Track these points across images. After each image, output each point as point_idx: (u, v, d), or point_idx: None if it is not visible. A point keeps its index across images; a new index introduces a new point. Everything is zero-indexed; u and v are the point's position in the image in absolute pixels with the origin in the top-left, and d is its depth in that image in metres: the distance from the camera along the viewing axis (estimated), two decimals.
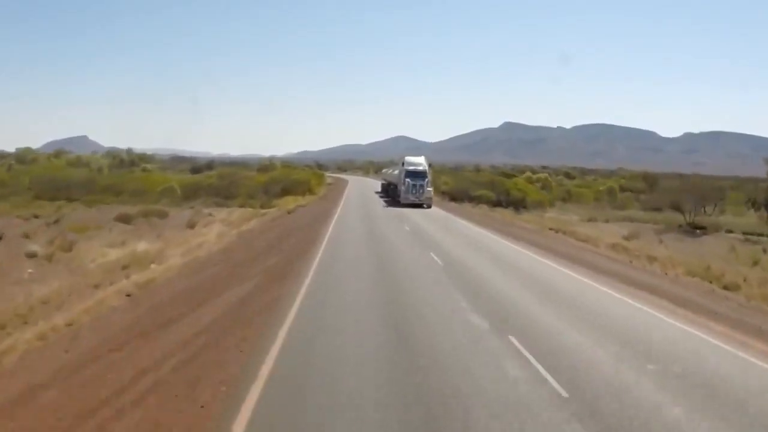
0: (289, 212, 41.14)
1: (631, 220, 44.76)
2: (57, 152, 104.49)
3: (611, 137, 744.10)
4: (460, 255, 21.96)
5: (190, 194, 54.42)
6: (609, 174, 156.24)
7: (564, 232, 34.68)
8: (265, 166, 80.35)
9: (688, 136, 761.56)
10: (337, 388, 7.91)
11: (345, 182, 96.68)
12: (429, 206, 46.45)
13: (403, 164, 48.33)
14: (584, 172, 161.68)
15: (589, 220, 43.37)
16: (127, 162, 75.93)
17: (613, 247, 28.72)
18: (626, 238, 31.67)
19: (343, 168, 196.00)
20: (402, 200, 46.25)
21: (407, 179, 46.29)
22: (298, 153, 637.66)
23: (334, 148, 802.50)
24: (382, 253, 21.53)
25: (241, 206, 52.19)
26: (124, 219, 31.66)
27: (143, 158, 77.68)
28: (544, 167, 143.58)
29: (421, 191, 46.10)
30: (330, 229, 29.24)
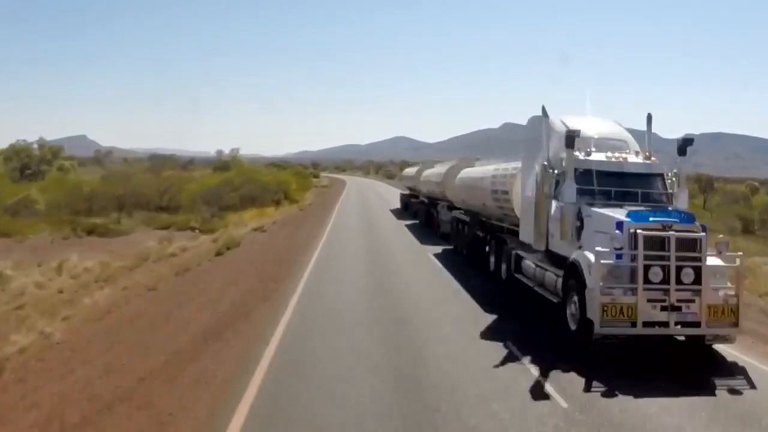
0: (219, 253, 20.40)
1: None
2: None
3: None
4: None
5: (84, 209, 33.58)
6: None
7: None
8: (225, 162, 57.51)
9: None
10: None
11: (342, 184, 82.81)
12: (727, 341, 9.37)
13: (568, 142, 11.07)
14: None
15: None
16: (36, 159, 54.89)
17: None
18: None
19: (341, 168, 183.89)
20: (601, 331, 8.75)
21: (602, 212, 10.20)
22: (297, 153, 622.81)
23: (333, 148, 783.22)
24: None
25: (165, 228, 32.36)
26: None
27: (57, 152, 56.14)
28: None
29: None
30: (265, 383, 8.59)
